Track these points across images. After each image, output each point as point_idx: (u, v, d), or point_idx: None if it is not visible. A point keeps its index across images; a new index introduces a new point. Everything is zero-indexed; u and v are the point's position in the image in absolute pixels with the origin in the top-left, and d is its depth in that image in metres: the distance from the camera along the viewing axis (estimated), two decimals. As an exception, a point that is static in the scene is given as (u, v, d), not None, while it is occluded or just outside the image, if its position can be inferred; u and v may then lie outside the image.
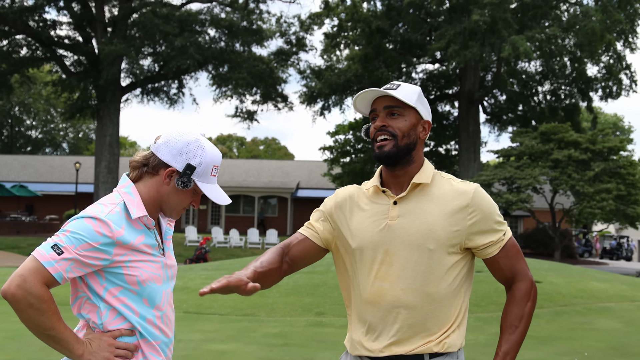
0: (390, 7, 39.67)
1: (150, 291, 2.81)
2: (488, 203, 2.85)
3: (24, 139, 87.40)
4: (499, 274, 2.91)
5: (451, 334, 2.80)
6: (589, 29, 34.57)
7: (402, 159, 2.84)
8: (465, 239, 2.80)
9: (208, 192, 2.86)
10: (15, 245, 34.89)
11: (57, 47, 41.10)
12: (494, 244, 2.83)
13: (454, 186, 2.87)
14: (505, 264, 2.87)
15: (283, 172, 59.05)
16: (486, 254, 2.85)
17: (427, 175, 2.86)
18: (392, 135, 2.83)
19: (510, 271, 2.87)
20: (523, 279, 2.87)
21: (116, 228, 2.70)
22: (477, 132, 41.98)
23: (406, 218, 2.81)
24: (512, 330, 2.80)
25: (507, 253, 2.86)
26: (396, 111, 2.85)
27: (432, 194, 2.84)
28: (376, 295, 2.81)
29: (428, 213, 2.80)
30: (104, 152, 40.22)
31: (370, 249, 2.84)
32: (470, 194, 2.82)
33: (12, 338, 9.85)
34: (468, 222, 2.79)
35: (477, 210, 2.81)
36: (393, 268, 2.79)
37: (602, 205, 32.76)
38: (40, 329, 2.63)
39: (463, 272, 2.86)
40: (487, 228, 2.82)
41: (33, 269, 2.60)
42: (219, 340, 10.23)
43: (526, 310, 2.83)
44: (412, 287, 2.76)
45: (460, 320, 2.85)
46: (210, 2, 43.23)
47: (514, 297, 2.86)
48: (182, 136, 2.84)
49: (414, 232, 2.78)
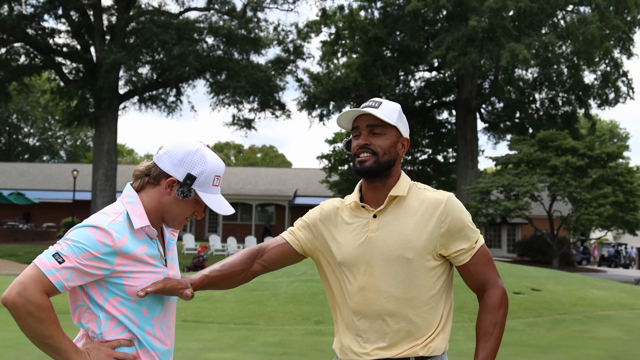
0: (388, 15, 39.69)
1: (151, 302, 2.80)
2: (459, 211, 2.97)
3: (22, 146, 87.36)
4: (470, 281, 3.02)
5: (435, 337, 2.93)
6: (589, 35, 34.61)
7: (381, 173, 2.99)
8: (439, 246, 2.93)
9: (209, 202, 2.85)
10: (12, 253, 34.80)
11: (55, 55, 41.08)
12: (466, 251, 2.96)
13: (427, 196, 3.01)
14: (477, 271, 2.98)
15: (280, 179, 59.05)
16: (458, 261, 2.98)
17: (403, 188, 3.01)
18: (374, 152, 2.98)
19: (481, 279, 2.99)
20: (494, 287, 2.98)
21: (118, 237, 2.69)
22: (474, 139, 42.00)
23: (385, 230, 2.96)
24: (488, 338, 2.90)
25: (478, 261, 2.98)
26: (378, 130, 2.99)
27: (408, 206, 2.99)
28: (362, 305, 2.96)
29: (405, 224, 2.94)
30: (101, 159, 40.16)
31: (353, 261, 2.99)
32: (442, 202, 2.95)
33: (10, 347, 9.81)
34: (441, 229, 2.92)
35: (449, 217, 2.93)
36: (375, 278, 2.93)
37: (599, 212, 32.75)
38: (38, 338, 2.61)
39: (443, 278, 2.99)
40: (458, 235, 2.94)
41: (34, 277, 2.59)
42: (218, 349, 10.18)
43: (499, 317, 2.93)
44: (394, 295, 2.90)
45: (444, 325, 2.98)
46: (208, 10, 43.27)
47: (486, 305, 2.97)
48: (183, 146, 2.83)
49: (392, 243, 2.92)
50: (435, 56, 37.13)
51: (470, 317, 12.75)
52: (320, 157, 50.44)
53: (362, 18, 41.84)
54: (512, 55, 34.04)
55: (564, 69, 41.90)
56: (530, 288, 15.97)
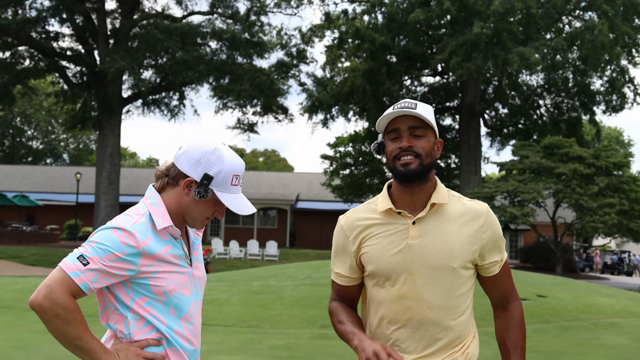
0: (392, 20, 39.69)
1: (178, 302, 2.79)
2: (497, 223, 2.97)
3: (25, 149, 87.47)
4: (494, 293, 3.02)
5: (470, 344, 2.93)
6: (598, 42, 34.59)
7: (425, 176, 2.88)
8: (478, 257, 2.91)
9: (227, 202, 2.81)
10: (16, 254, 34.85)
11: (59, 59, 41.17)
12: (497, 263, 2.96)
13: (466, 205, 2.95)
14: (503, 282, 2.99)
15: (282, 184, 59.10)
16: (489, 272, 2.96)
17: (444, 196, 2.93)
18: (417, 155, 2.85)
19: (506, 290, 3.00)
20: (517, 299, 3.02)
21: (142, 238, 2.69)
22: (478, 145, 41.99)
23: (427, 238, 2.86)
24: (520, 351, 2.91)
25: (504, 272, 2.99)
26: (419, 132, 2.87)
27: (448, 214, 2.91)
28: (401, 314, 2.87)
29: (448, 233, 2.87)
30: (104, 162, 40.24)
31: (391, 270, 2.87)
32: (484, 214, 2.92)
33: (19, 347, 9.83)
34: (482, 240, 2.89)
35: (490, 229, 2.91)
36: (417, 287, 2.85)
37: (604, 220, 32.73)
38: (67, 339, 2.61)
39: (472, 287, 2.99)
40: (494, 247, 2.94)
41: (59, 280, 2.59)
42: (225, 351, 10.18)
43: (524, 330, 2.97)
44: (438, 304, 2.84)
45: (475, 331, 3.00)
46: (211, 15, 43.34)
47: (513, 318, 2.96)
48: (200, 146, 2.81)
49: (437, 252, 2.84)
50: (438, 61, 37.11)
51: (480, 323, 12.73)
52: (324, 158, 50.36)
53: (365, 23, 41.85)
54: (522, 59, 34.01)
55: (569, 74, 41.88)
56: (536, 294, 15.95)
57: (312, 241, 55.42)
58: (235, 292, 15.76)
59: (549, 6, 36.76)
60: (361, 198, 49.06)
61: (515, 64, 33.94)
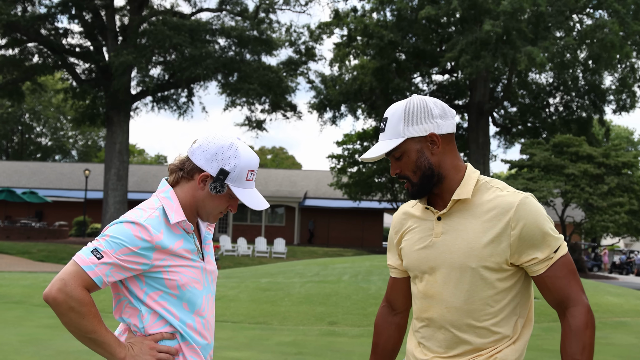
0: (401, 18, 39.63)
1: (191, 296, 2.79)
2: (535, 215, 2.62)
3: (34, 146, 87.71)
4: (548, 296, 2.68)
5: (504, 348, 2.68)
6: (608, 41, 34.48)
7: (427, 188, 2.74)
8: (510, 255, 2.62)
9: (243, 197, 2.80)
10: (25, 250, 34.96)
11: (68, 55, 41.24)
12: (540, 261, 2.62)
13: (499, 198, 2.67)
14: (555, 284, 2.63)
15: (290, 181, 59.11)
16: (532, 271, 2.65)
17: (468, 190, 2.70)
18: (406, 178, 2.75)
19: (560, 293, 2.64)
20: (577, 304, 2.62)
21: (155, 233, 2.69)
22: (486, 143, 41.94)
23: (449, 235, 2.71)
24: None
25: (557, 273, 2.62)
26: (396, 154, 2.73)
27: (475, 209, 2.70)
28: (424, 312, 2.79)
29: (470, 229, 2.67)
30: (113, 159, 40.31)
31: (417, 266, 2.80)
32: (513, 206, 2.61)
33: (29, 342, 9.88)
34: (511, 237, 2.60)
35: (520, 223, 2.59)
36: (437, 285, 2.73)
37: (614, 219, 32.66)
38: (81, 332, 2.62)
39: (515, 287, 2.70)
40: (531, 243, 2.60)
41: (73, 273, 2.60)
42: (233, 348, 10.21)
43: (587, 340, 2.57)
44: (455, 305, 2.68)
45: (517, 337, 2.71)
46: (220, 12, 43.34)
47: (570, 327, 2.60)
48: (216, 140, 2.80)
49: (456, 250, 2.67)
50: (448, 59, 37.06)
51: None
52: (331, 157, 50.33)
53: (374, 20, 41.80)
54: (530, 59, 33.94)
55: (579, 73, 41.76)
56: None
57: (320, 239, 55.43)
58: (244, 288, 15.78)
59: (560, 4, 36.63)
60: (369, 196, 49.04)
61: (523, 64, 33.86)
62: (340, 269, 19.08)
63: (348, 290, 15.32)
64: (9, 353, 9.06)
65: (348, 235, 55.23)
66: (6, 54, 41.61)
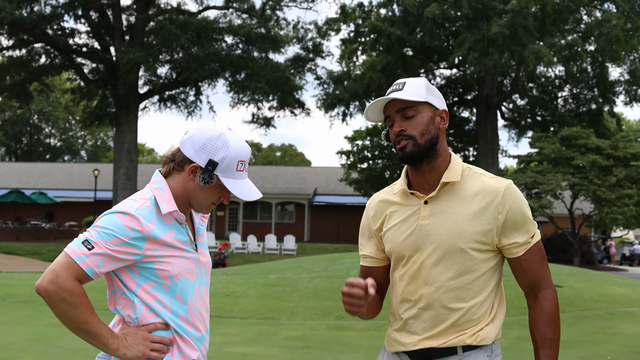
0: (408, 14, 39.55)
1: (183, 286, 2.80)
2: (519, 201, 2.77)
3: (43, 146, 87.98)
4: (521, 278, 2.82)
5: (485, 327, 2.78)
6: (613, 36, 34.36)
7: (426, 155, 2.81)
8: (495, 237, 2.75)
9: (232, 187, 2.81)
10: (35, 251, 35.12)
11: (75, 55, 41.31)
12: (520, 245, 2.76)
13: (485, 183, 2.80)
14: (530, 267, 2.78)
15: (300, 178, 59.12)
16: (511, 253, 2.78)
17: (456, 173, 2.82)
18: (409, 136, 2.79)
19: (534, 277, 2.79)
20: (548, 287, 2.80)
21: (146, 223, 2.70)
22: (495, 137, 41.84)
23: (437, 217, 2.79)
24: (549, 345, 2.73)
25: (532, 257, 2.78)
26: (409, 112, 2.80)
27: (462, 192, 2.80)
28: (411, 294, 2.83)
29: (459, 212, 2.76)
30: (122, 159, 40.40)
31: (403, 250, 2.85)
32: (500, 191, 2.75)
33: (37, 340, 9.93)
34: (498, 220, 2.73)
35: (506, 207, 2.73)
36: (425, 267, 2.79)
37: (623, 211, 32.56)
38: (74, 323, 2.64)
39: (496, 268, 2.84)
40: (514, 227, 2.75)
41: (64, 264, 2.62)
42: (241, 343, 10.24)
43: (557, 322, 2.76)
44: (446, 285, 2.76)
45: (495, 315, 2.82)
46: (226, 9, 43.36)
47: (542, 309, 2.77)
48: (206, 131, 2.80)
49: (445, 232, 2.76)
50: (456, 56, 36.99)
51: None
52: (341, 153, 50.28)
53: (382, 16, 41.74)
54: (537, 58, 33.85)
55: (587, 66, 41.60)
56: (552, 284, 15.89)
57: (330, 235, 55.42)
58: (252, 284, 15.82)
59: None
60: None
61: (530, 63, 33.81)
62: (348, 264, 19.09)
63: (356, 284, 15.30)
64: (17, 352, 9.12)
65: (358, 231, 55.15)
66: (13, 55, 41.76)
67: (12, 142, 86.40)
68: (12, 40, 40.64)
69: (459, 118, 48.82)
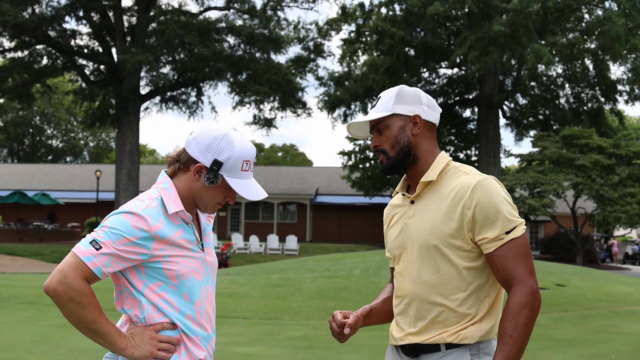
0: (410, 13, 39.51)
1: (190, 286, 2.81)
2: (489, 196, 2.75)
3: (45, 148, 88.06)
4: (496, 274, 2.77)
5: (469, 326, 2.77)
6: (613, 33, 34.35)
7: (401, 165, 2.94)
8: (469, 233, 2.76)
9: (237, 187, 2.82)
10: (38, 252, 35.14)
11: (77, 57, 41.31)
12: (490, 241, 2.73)
13: (461, 180, 2.83)
14: (502, 264, 2.72)
15: (302, 178, 59.13)
16: (483, 249, 2.77)
17: (434, 173, 2.89)
18: (382, 151, 2.94)
19: (506, 273, 2.72)
20: (520, 284, 2.70)
21: (153, 222, 2.71)
22: (496, 136, 41.80)
23: (417, 216, 2.90)
24: (507, 340, 2.64)
25: (506, 253, 2.72)
26: (380, 126, 2.94)
27: (440, 190, 2.87)
28: (398, 289, 2.96)
29: (434, 209, 2.84)
30: (124, 160, 40.39)
31: (394, 248, 3.00)
32: (470, 187, 2.76)
33: (41, 341, 9.95)
34: (467, 216, 2.75)
35: (474, 202, 2.74)
36: (408, 264, 2.90)
37: (625, 210, 32.54)
38: (82, 323, 2.65)
39: (483, 268, 2.82)
40: (484, 223, 2.73)
41: (72, 264, 2.63)
42: (244, 343, 10.25)
43: (521, 319, 2.65)
44: (423, 280, 2.83)
45: (484, 315, 2.80)
46: (227, 10, 43.33)
47: (508, 305, 2.70)
48: (211, 131, 2.82)
49: (422, 229, 2.85)
50: (457, 55, 36.97)
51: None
52: (342, 154, 50.24)
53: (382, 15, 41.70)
54: (537, 57, 33.84)
55: (588, 64, 41.55)
56: (555, 284, 15.91)
57: (332, 235, 55.42)
58: (255, 284, 15.83)
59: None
60: (381, 191, 48.97)
61: (530, 62, 33.78)
62: (351, 264, 19.10)
63: (359, 284, 15.35)
64: (22, 352, 9.13)
65: (360, 231, 55.16)
66: (15, 56, 41.76)
67: (14, 144, 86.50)
68: (14, 42, 40.65)
69: (460, 118, 48.80)
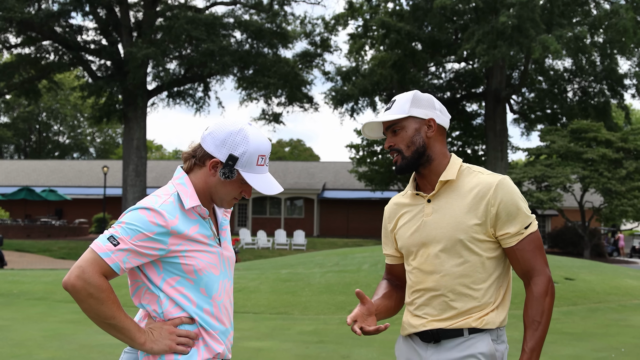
0: (417, 7, 39.44)
1: (208, 280, 2.83)
2: (510, 195, 3.01)
3: (52, 144, 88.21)
4: (516, 266, 3.05)
5: (490, 312, 3.02)
6: (620, 26, 34.24)
7: (416, 164, 3.14)
8: (491, 228, 3.01)
9: (253, 182, 2.84)
10: (46, 248, 35.23)
11: (83, 52, 41.31)
12: (512, 235, 3.00)
13: (480, 179, 3.08)
14: (523, 257, 3.01)
15: (309, 173, 59.12)
16: (504, 243, 3.03)
17: (453, 172, 3.10)
18: (398, 151, 3.12)
19: (526, 265, 3.01)
20: (540, 274, 3.01)
21: (170, 218, 2.73)
22: (504, 131, 41.70)
23: (438, 213, 3.08)
24: (536, 327, 2.96)
25: (526, 246, 3.00)
26: (396, 127, 3.12)
27: (460, 189, 3.09)
28: (420, 283, 3.12)
29: (457, 207, 3.04)
30: (131, 155, 40.42)
31: (411, 245, 3.16)
32: (493, 185, 3.01)
33: (53, 337, 9.98)
34: (490, 213, 2.99)
35: (497, 200, 2.98)
36: (429, 258, 3.08)
37: (633, 203, 32.49)
38: (101, 318, 2.67)
39: (501, 259, 3.08)
40: (507, 219, 2.99)
41: (91, 260, 2.65)
42: (255, 338, 10.27)
43: (546, 306, 2.97)
44: (451, 272, 3.02)
45: (500, 302, 3.07)
46: (234, 5, 43.28)
47: (532, 293, 2.99)
48: (226, 127, 2.84)
49: (445, 225, 3.04)
50: (465, 49, 36.89)
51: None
52: (350, 147, 50.14)
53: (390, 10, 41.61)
54: (544, 48, 33.75)
55: (596, 58, 41.42)
56: (564, 277, 15.90)
57: (340, 230, 55.44)
58: (264, 280, 15.85)
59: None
60: (389, 186, 48.91)
61: (537, 52, 33.68)
62: (359, 258, 19.11)
63: (368, 279, 15.35)
64: (33, 348, 9.16)
65: (367, 225, 55.11)
66: (22, 52, 41.82)
67: (21, 140, 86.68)
68: (21, 38, 40.69)
69: (467, 112, 48.69)
